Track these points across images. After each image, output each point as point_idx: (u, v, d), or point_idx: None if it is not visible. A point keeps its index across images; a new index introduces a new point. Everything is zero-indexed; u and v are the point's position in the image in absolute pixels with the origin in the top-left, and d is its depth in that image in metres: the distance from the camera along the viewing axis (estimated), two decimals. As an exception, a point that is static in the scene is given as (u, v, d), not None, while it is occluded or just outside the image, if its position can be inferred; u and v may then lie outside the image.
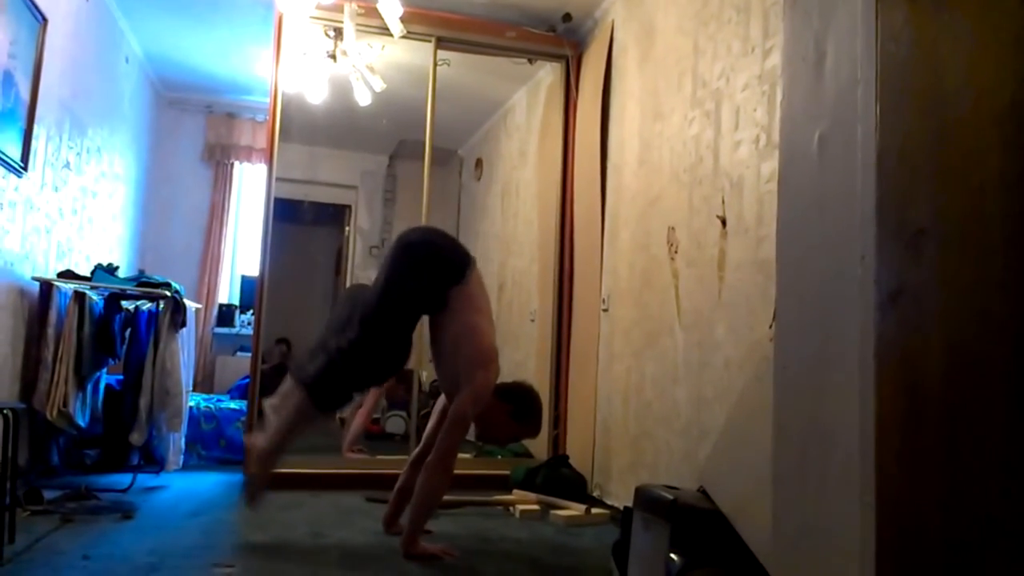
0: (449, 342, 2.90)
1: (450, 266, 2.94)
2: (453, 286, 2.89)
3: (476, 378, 2.81)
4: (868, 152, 1.27)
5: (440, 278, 2.90)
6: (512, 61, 4.98)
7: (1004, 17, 1.05)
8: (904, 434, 1.16)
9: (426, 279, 2.90)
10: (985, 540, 1.01)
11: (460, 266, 2.95)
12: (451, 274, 2.91)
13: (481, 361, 2.84)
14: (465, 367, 2.83)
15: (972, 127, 1.08)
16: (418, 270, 2.91)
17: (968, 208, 1.08)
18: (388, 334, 2.91)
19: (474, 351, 2.85)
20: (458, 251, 3.04)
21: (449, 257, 2.98)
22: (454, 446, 2.81)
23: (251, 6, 4.70)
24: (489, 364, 2.86)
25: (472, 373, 2.81)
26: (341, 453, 4.52)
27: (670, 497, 2.11)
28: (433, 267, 2.92)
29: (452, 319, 2.89)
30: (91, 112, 4.63)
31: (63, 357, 3.61)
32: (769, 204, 2.74)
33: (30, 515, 3.04)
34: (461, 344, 2.87)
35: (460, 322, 2.88)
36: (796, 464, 1.46)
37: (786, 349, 1.55)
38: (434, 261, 2.94)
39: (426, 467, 2.79)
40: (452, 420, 2.79)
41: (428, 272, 2.91)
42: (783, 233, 1.59)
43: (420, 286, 2.90)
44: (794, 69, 1.58)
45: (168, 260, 6.23)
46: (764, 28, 2.92)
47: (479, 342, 2.87)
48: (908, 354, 1.17)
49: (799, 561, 1.44)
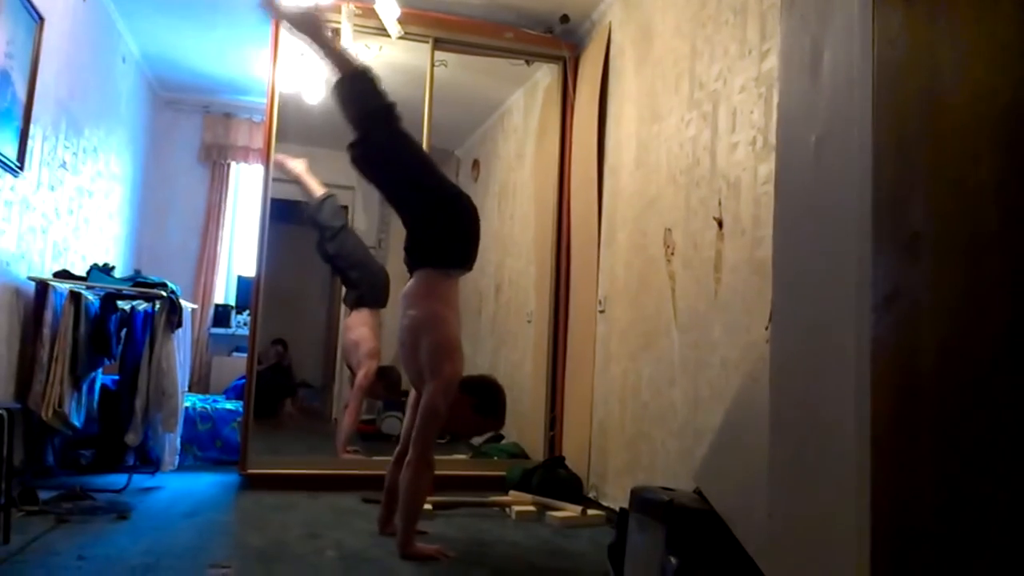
0: (410, 331, 2.94)
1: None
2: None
3: (443, 371, 2.83)
4: (864, 155, 1.28)
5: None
6: (509, 62, 4.98)
7: (999, 21, 1.05)
8: (899, 435, 1.16)
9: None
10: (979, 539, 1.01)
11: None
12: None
13: (446, 353, 2.87)
14: (429, 359, 2.85)
15: (967, 130, 1.08)
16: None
17: (963, 211, 1.08)
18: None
19: (437, 343, 2.88)
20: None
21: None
22: (430, 441, 2.83)
23: (248, 6, 4.68)
24: (453, 355, 2.90)
25: (439, 366, 2.83)
26: (336, 454, 4.52)
27: (666, 498, 2.11)
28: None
29: (418, 301, 2.95)
30: (88, 112, 4.62)
31: (59, 357, 3.60)
32: (766, 206, 2.74)
33: (25, 515, 3.03)
34: (423, 334, 2.89)
35: (424, 307, 2.93)
36: (792, 465, 1.47)
37: (782, 350, 1.55)
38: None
39: (407, 466, 2.81)
40: (424, 416, 2.81)
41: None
42: (779, 235, 1.60)
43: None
44: (791, 72, 1.58)
45: (164, 260, 6.22)
46: (761, 30, 2.93)
47: (442, 333, 2.90)
48: (903, 355, 1.17)
49: (795, 562, 1.44)
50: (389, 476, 3.08)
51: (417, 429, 2.82)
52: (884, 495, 1.18)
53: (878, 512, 1.18)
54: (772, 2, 2.84)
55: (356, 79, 3.04)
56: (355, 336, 4.82)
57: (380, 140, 3.03)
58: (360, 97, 3.04)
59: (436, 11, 4.56)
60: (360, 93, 3.04)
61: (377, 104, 3.04)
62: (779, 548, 1.52)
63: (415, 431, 2.83)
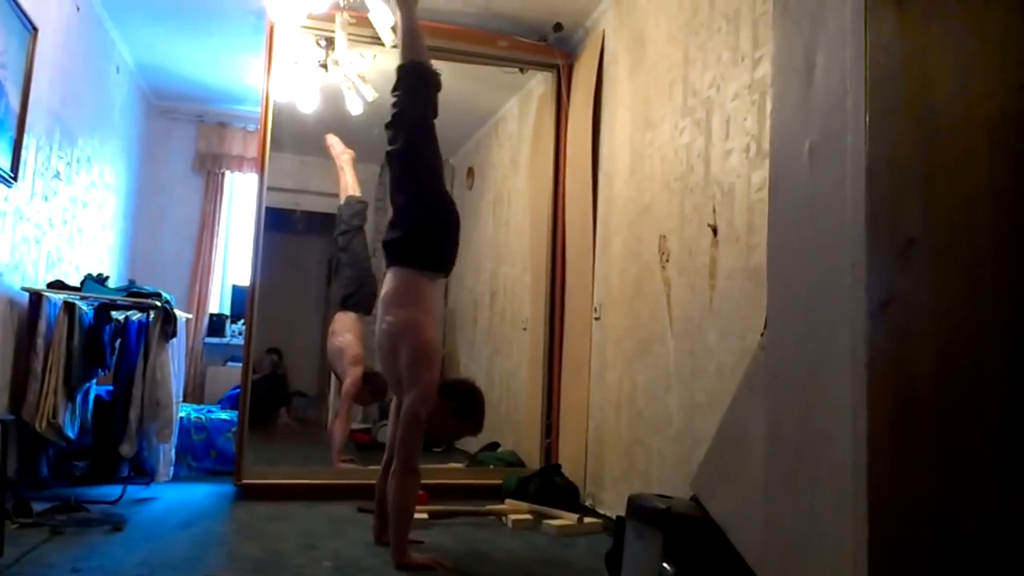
0: (387, 336, 2.95)
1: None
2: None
3: (422, 378, 2.85)
4: (858, 161, 1.28)
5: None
6: (503, 70, 4.99)
7: (993, 27, 1.06)
8: (896, 442, 1.16)
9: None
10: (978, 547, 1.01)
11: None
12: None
13: (424, 359, 2.89)
14: (408, 366, 2.86)
15: (961, 136, 1.09)
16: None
17: (957, 217, 1.08)
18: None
19: (415, 348, 2.89)
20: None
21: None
22: (414, 448, 2.83)
23: (242, 16, 4.70)
24: (432, 361, 2.92)
25: (417, 374, 2.85)
26: (331, 464, 4.50)
27: (663, 506, 2.11)
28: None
29: (396, 309, 2.96)
30: (81, 122, 4.62)
31: (52, 368, 3.59)
32: (760, 213, 2.75)
33: (19, 527, 3.01)
34: (401, 341, 2.91)
35: (402, 313, 2.95)
36: (788, 472, 1.46)
37: (777, 357, 1.55)
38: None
39: (392, 475, 2.81)
40: (406, 424, 2.82)
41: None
42: (774, 242, 1.60)
43: None
44: (784, 79, 1.59)
45: (159, 270, 6.20)
46: (754, 38, 2.93)
47: (420, 339, 2.91)
48: (899, 362, 1.17)
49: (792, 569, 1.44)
50: (379, 486, 3.07)
51: (400, 438, 2.83)
52: (881, 503, 1.18)
53: (875, 520, 1.18)
54: (764, 9, 2.85)
55: (432, 76, 3.20)
56: (340, 342, 4.83)
57: (420, 147, 3.13)
58: (423, 100, 3.17)
59: (430, 20, 4.55)
60: (426, 94, 3.18)
61: (430, 113, 3.18)
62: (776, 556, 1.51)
63: (399, 441, 2.84)
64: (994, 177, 1.03)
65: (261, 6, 4.29)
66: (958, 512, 1.04)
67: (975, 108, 1.06)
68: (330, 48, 4.55)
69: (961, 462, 1.05)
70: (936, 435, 1.09)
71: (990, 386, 1.01)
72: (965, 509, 1.03)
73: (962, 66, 1.10)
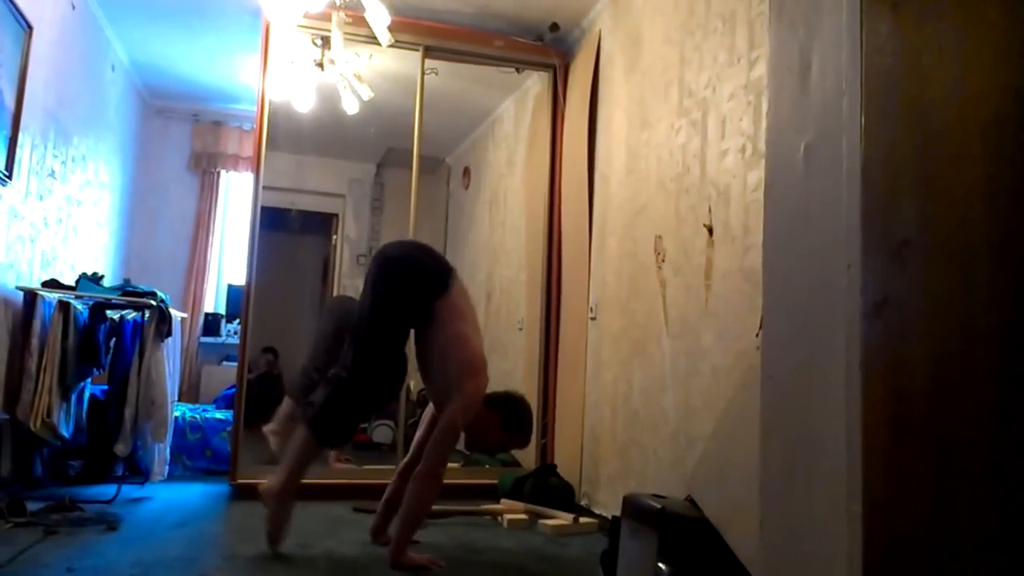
0: (437, 354, 2.90)
1: (432, 278, 2.94)
2: (437, 298, 2.90)
3: (466, 388, 2.80)
4: (853, 162, 1.28)
5: (423, 291, 2.91)
6: (500, 70, 4.99)
7: (989, 28, 1.06)
8: (890, 442, 1.17)
9: (410, 294, 2.91)
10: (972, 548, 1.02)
11: (442, 277, 2.96)
12: (434, 286, 2.92)
13: (470, 371, 2.84)
14: (455, 377, 2.83)
15: (957, 138, 1.09)
16: (401, 286, 2.92)
17: (953, 218, 1.09)
18: (383, 356, 2.91)
19: (463, 360, 2.85)
20: (438, 262, 3.06)
21: (430, 268, 2.99)
22: (444, 456, 2.80)
23: (238, 14, 4.69)
24: (478, 373, 2.86)
25: (462, 383, 2.81)
26: (327, 464, 4.50)
27: (658, 506, 2.11)
28: (415, 281, 2.93)
29: (439, 330, 2.89)
30: (76, 120, 4.61)
31: (47, 367, 3.58)
32: (755, 213, 2.75)
33: (13, 527, 3.00)
34: (449, 354, 2.86)
35: (447, 333, 2.88)
36: (783, 472, 1.47)
37: (772, 358, 1.55)
38: (416, 275, 2.95)
39: (415, 477, 2.78)
40: (442, 430, 2.78)
41: (411, 287, 2.92)
42: (769, 242, 1.60)
43: (405, 302, 2.91)
44: (780, 79, 1.59)
45: (154, 269, 6.20)
46: (749, 38, 2.94)
47: (467, 351, 2.87)
48: (893, 362, 1.17)
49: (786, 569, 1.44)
50: (392, 487, 3.06)
51: (433, 442, 2.80)
52: (876, 503, 1.18)
53: (870, 520, 1.18)
54: (760, 10, 2.85)
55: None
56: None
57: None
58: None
59: (426, 19, 4.57)
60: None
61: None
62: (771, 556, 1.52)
63: (430, 444, 2.81)
64: (989, 179, 1.03)
65: (257, 5, 4.28)
66: (952, 512, 1.05)
67: (970, 110, 1.07)
68: (326, 47, 4.54)
69: (954, 462, 1.05)
70: (930, 435, 1.09)
71: (984, 387, 1.02)
72: (959, 509, 1.03)
73: (957, 68, 1.10)
